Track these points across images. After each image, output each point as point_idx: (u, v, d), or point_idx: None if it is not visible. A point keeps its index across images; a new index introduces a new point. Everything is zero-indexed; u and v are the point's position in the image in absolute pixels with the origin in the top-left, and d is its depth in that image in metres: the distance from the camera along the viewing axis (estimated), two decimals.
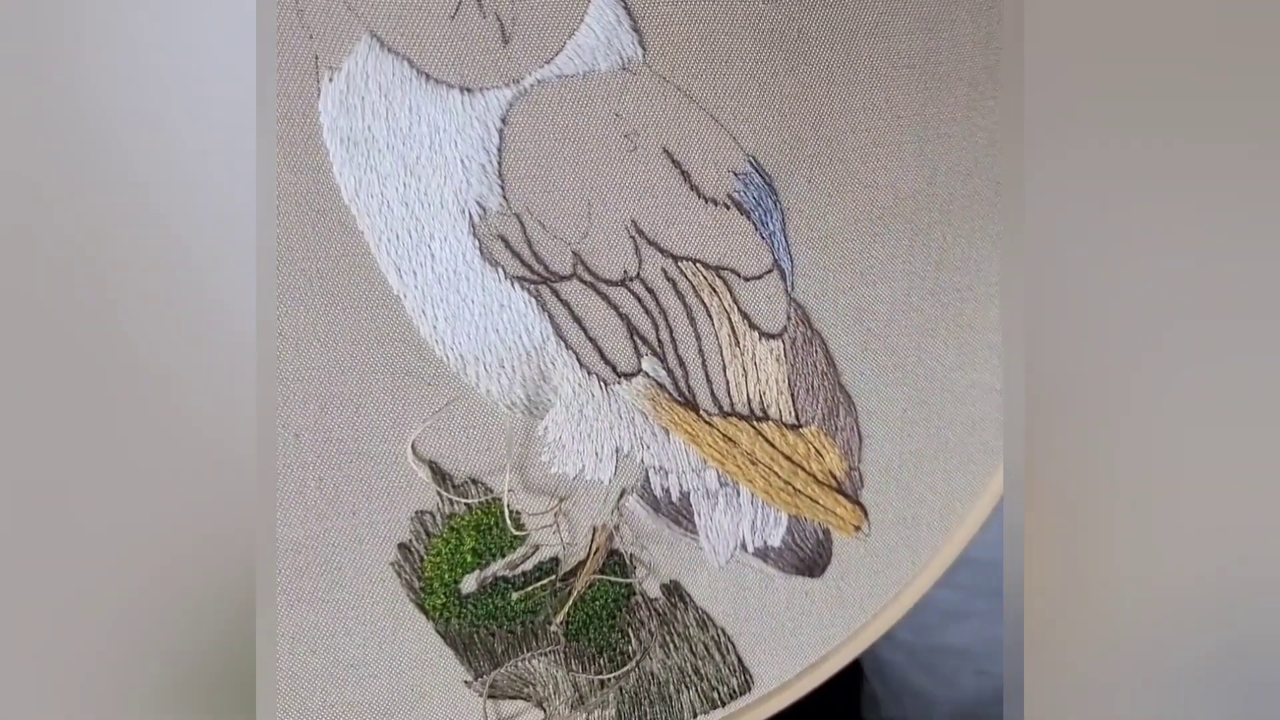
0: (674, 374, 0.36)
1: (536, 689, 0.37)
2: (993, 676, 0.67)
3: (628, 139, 0.34)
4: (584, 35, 0.32)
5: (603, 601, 0.38)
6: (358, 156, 0.32)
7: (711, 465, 0.37)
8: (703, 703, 0.39)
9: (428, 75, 0.31)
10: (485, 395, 0.35)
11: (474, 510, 0.35)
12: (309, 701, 0.35)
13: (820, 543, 0.39)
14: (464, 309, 0.34)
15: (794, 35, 0.34)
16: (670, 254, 0.35)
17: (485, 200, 0.33)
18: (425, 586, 0.36)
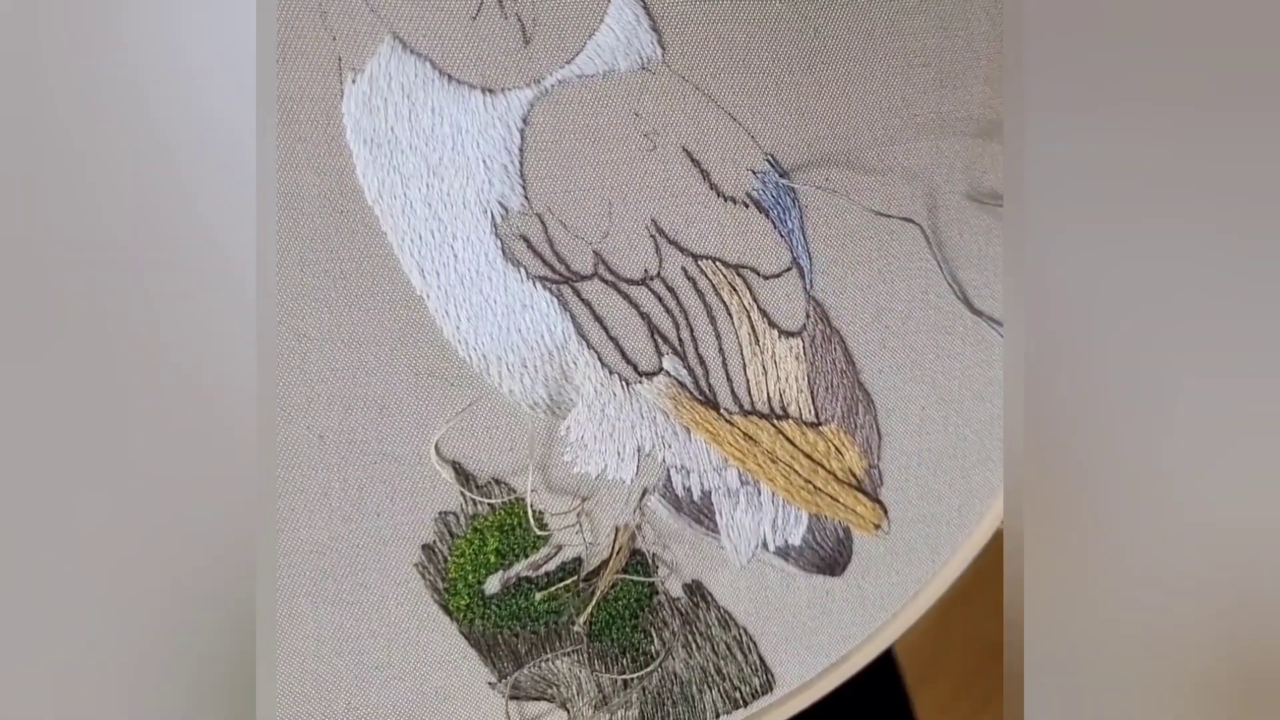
0: (694, 373, 0.36)
1: (560, 689, 0.37)
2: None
3: (647, 138, 0.34)
4: (604, 35, 0.33)
5: (625, 601, 0.38)
6: (381, 158, 0.32)
7: (732, 464, 0.37)
8: (725, 703, 0.39)
9: (450, 76, 0.32)
10: (508, 395, 0.35)
11: (497, 510, 0.35)
12: (334, 704, 0.35)
13: (840, 541, 0.39)
14: (487, 309, 0.34)
15: (810, 35, 0.34)
16: (690, 253, 0.35)
17: (507, 200, 0.33)
18: (449, 587, 0.36)
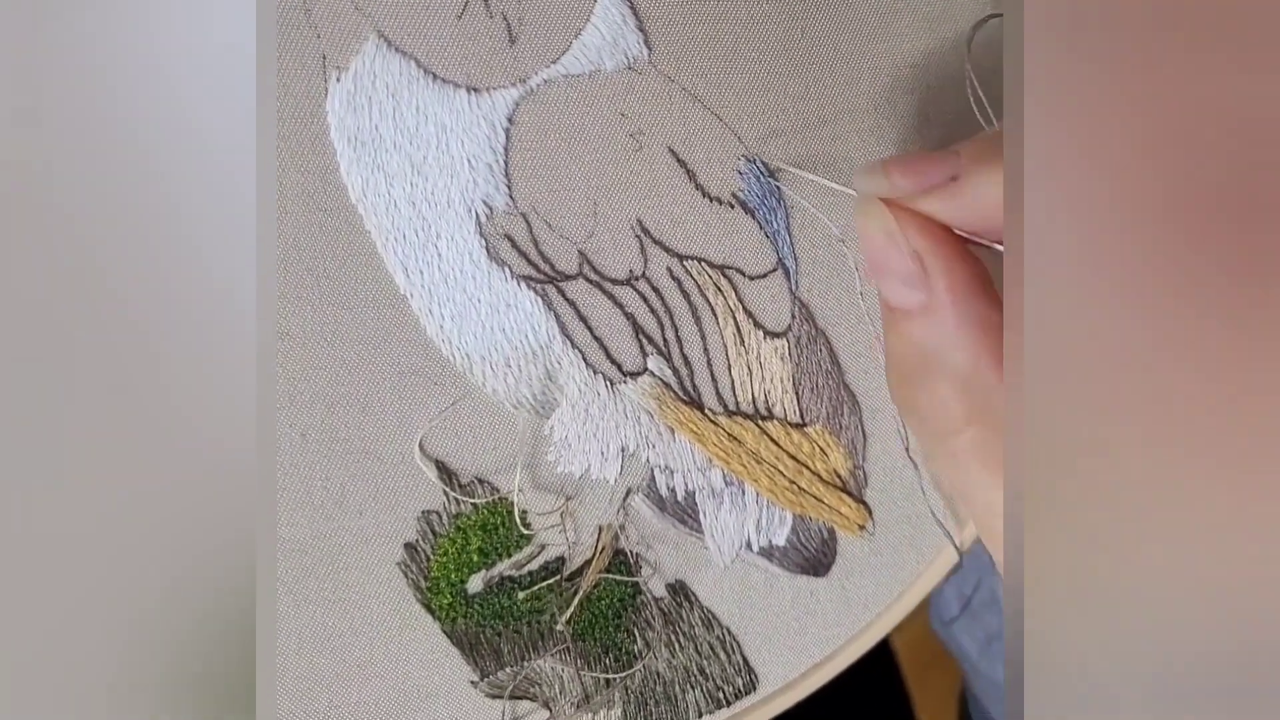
0: (679, 373, 0.36)
1: (543, 689, 0.37)
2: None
3: (633, 138, 0.34)
4: (590, 35, 0.32)
5: (608, 601, 0.38)
6: (365, 156, 0.32)
7: (716, 464, 0.37)
8: (708, 702, 0.39)
9: (435, 75, 0.32)
10: (491, 394, 0.35)
11: (481, 510, 0.35)
12: (316, 703, 0.35)
13: (825, 542, 0.40)
14: (470, 308, 0.34)
15: (798, 34, 0.34)
16: (675, 253, 0.35)
17: (492, 199, 0.33)
18: (432, 586, 0.36)
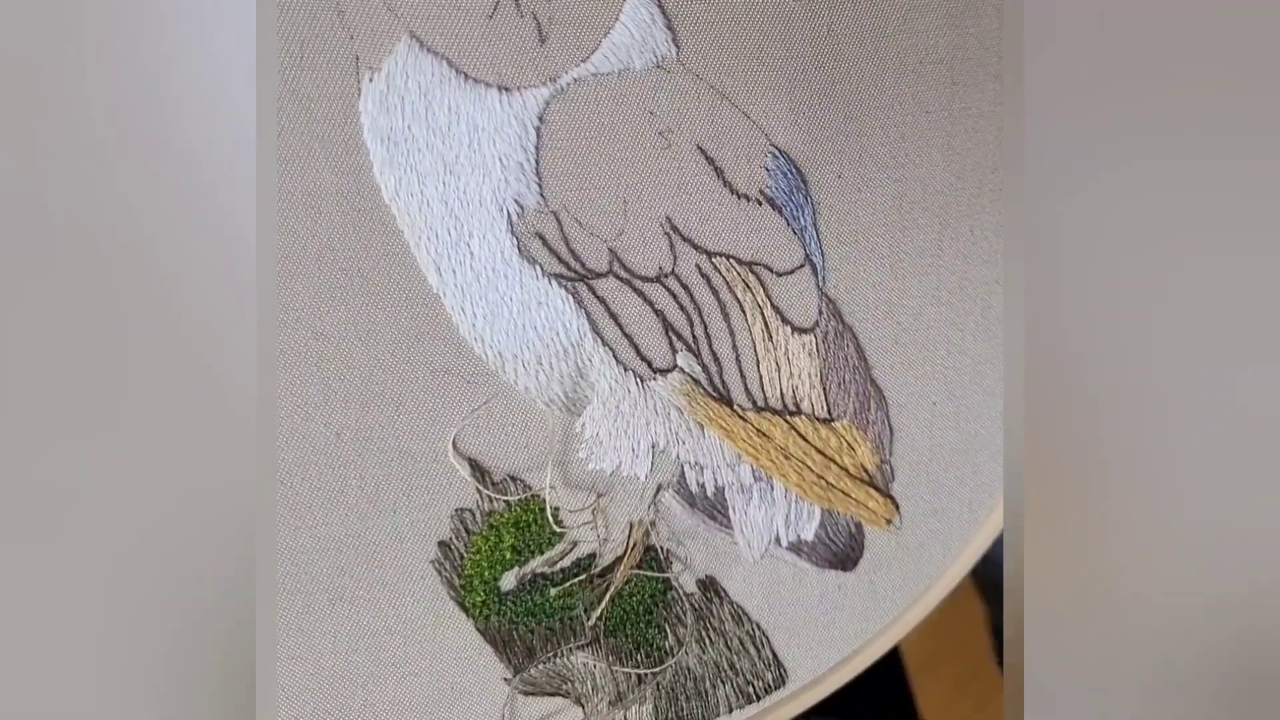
0: (708, 369, 0.36)
1: (575, 685, 0.38)
2: None
3: (662, 136, 0.34)
4: (619, 34, 0.33)
5: (639, 597, 0.38)
6: (398, 156, 0.32)
7: (746, 460, 0.37)
8: (738, 697, 0.40)
9: (466, 75, 0.32)
10: (523, 392, 0.35)
11: (513, 507, 0.36)
12: (351, 700, 0.36)
13: (853, 536, 0.40)
14: (502, 306, 0.34)
15: (823, 32, 0.35)
16: (704, 250, 0.35)
17: (523, 198, 0.33)
18: (465, 584, 0.36)
